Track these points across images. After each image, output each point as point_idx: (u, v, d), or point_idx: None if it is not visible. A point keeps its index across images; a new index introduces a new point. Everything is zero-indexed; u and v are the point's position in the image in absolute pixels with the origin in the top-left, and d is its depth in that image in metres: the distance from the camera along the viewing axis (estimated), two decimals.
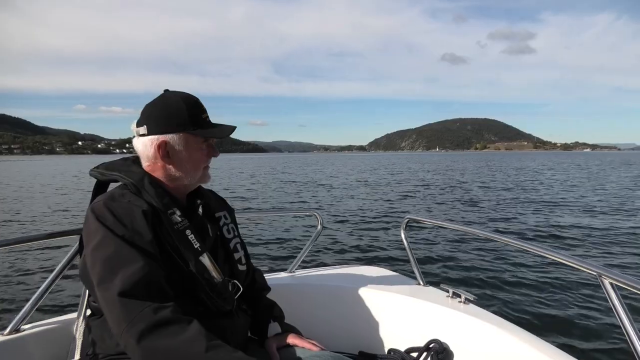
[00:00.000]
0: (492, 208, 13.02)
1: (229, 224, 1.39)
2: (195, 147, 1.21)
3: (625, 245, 7.62)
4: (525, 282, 5.37)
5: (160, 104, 1.20)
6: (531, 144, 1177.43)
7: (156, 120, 1.17)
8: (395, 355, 1.80)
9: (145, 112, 1.20)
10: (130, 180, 1.14)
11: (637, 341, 1.12)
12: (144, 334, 0.92)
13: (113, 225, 1.04)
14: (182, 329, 0.96)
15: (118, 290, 0.95)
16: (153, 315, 0.94)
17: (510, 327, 1.61)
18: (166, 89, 1.24)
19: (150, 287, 0.98)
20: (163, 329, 0.94)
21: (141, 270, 0.98)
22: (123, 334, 0.94)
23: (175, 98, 1.20)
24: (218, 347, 0.96)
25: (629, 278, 1.20)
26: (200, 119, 1.22)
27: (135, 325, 0.93)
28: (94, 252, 1.02)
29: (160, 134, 1.17)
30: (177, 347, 0.93)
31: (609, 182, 22.05)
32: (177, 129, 1.17)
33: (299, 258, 2.21)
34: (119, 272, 0.97)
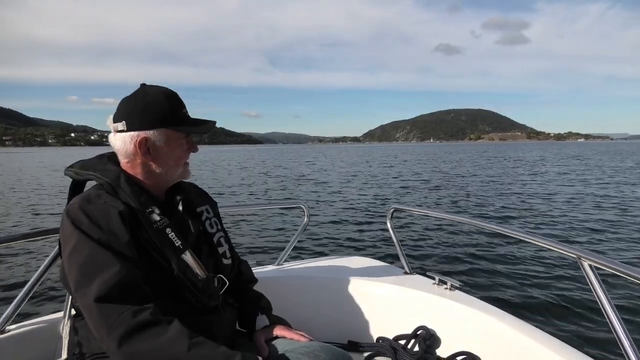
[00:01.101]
0: (479, 197, 13.19)
1: (211, 218, 1.37)
2: (176, 143, 1.19)
3: (605, 230, 7.81)
4: (509, 267, 5.50)
5: (139, 99, 1.16)
6: (525, 134, 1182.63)
7: (136, 116, 1.14)
8: (383, 343, 1.82)
9: (124, 107, 1.16)
10: (105, 180, 1.12)
11: (615, 320, 1.15)
12: (124, 338, 0.92)
13: (88, 228, 1.02)
14: (162, 330, 0.95)
15: (94, 295, 0.94)
16: (132, 319, 0.93)
17: (495, 312, 1.64)
18: (143, 83, 1.21)
19: (127, 290, 0.97)
20: (143, 331, 0.93)
21: (118, 273, 0.97)
22: (103, 339, 0.93)
23: (155, 93, 1.17)
24: (200, 345, 0.95)
25: (607, 260, 1.23)
26: (180, 114, 1.19)
27: (114, 330, 0.92)
28: (70, 258, 1.01)
29: (140, 130, 1.14)
30: (159, 348, 0.92)
31: (599, 172, 22.22)
32: (158, 125, 1.15)
33: (286, 250, 2.21)
34: (96, 277, 0.96)
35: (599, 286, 1.21)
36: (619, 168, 24.28)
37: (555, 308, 4.20)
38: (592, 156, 35.55)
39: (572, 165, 28.62)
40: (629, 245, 6.64)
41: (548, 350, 1.35)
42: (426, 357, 1.67)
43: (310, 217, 2.23)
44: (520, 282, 4.93)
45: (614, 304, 1.18)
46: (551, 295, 4.51)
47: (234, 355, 0.96)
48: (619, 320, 1.14)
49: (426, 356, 1.68)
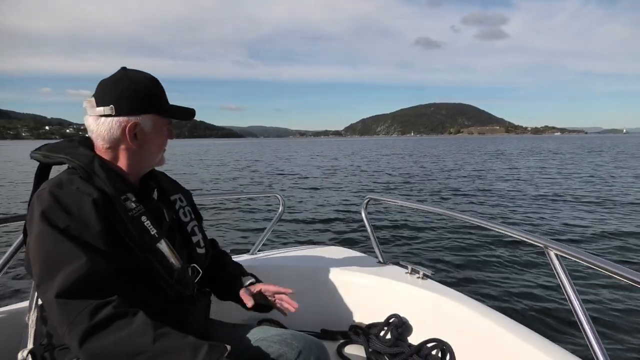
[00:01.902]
0: (454, 189, 13.43)
1: (184, 206, 1.35)
2: (161, 129, 1.17)
3: (573, 222, 8.08)
4: (480, 256, 5.65)
5: (126, 82, 1.12)
6: (503, 128, 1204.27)
7: (125, 100, 1.10)
8: (356, 331, 1.84)
9: (109, 90, 1.12)
10: (78, 163, 1.07)
11: (578, 306, 1.18)
12: (85, 335, 0.89)
13: (57, 217, 0.98)
14: (126, 322, 0.92)
15: (56, 291, 0.91)
16: (94, 314, 0.90)
17: (465, 300, 1.69)
18: (124, 67, 1.17)
19: (92, 284, 0.94)
20: (105, 327, 0.91)
21: (82, 267, 0.94)
22: (65, 335, 0.91)
23: (140, 78, 1.14)
24: (166, 335, 0.93)
25: (571, 249, 1.27)
26: (165, 100, 1.18)
27: (75, 327, 0.89)
28: (35, 248, 0.97)
29: (130, 115, 1.10)
30: (122, 342, 0.90)
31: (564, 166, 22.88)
32: (146, 110, 1.12)
33: (261, 240, 2.21)
34: (58, 271, 0.93)
35: (563, 274, 1.25)
36: (593, 162, 24.98)
37: (523, 295, 4.34)
38: (568, 151, 36.48)
39: (547, 158, 29.27)
40: (595, 236, 6.88)
41: (513, 335, 1.40)
42: (398, 344, 1.71)
43: (285, 206, 2.23)
44: (490, 271, 5.09)
45: (577, 291, 1.22)
46: (519, 283, 4.67)
47: (201, 344, 0.94)
48: (582, 306, 1.18)
49: (398, 343, 1.71)
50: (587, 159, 28.10)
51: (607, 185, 13.59)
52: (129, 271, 1.06)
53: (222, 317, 1.46)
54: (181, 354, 0.92)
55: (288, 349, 1.25)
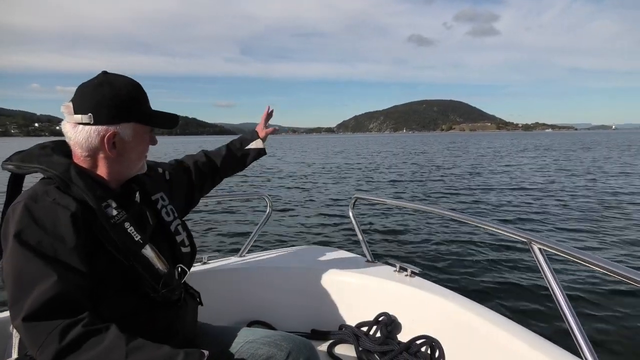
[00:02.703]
0: (442, 186, 13.44)
1: (167, 205, 1.31)
2: (142, 137, 1.14)
3: (556, 216, 8.20)
4: (466, 253, 5.71)
5: (107, 89, 1.08)
6: (494, 124, 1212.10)
7: (104, 108, 1.06)
8: (346, 330, 1.85)
9: (88, 97, 1.07)
10: (54, 173, 1.03)
11: (562, 299, 1.21)
12: (56, 357, 0.86)
13: (30, 234, 0.94)
14: (97, 340, 0.90)
15: (24, 314, 0.88)
16: (64, 336, 0.87)
17: (453, 296, 1.71)
18: (104, 71, 1.13)
19: (62, 304, 0.91)
20: (76, 347, 0.88)
21: (55, 286, 0.90)
22: (37, 358, 0.88)
23: (121, 84, 1.10)
24: (139, 349, 0.91)
25: (554, 243, 1.30)
26: (146, 107, 1.15)
27: (45, 348, 0.87)
28: (7, 267, 0.94)
29: (109, 124, 1.06)
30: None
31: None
32: (126, 118, 1.08)
33: (249, 241, 2.20)
34: (30, 293, 0.90)
35: (547, 268, 1.27)
36: (580, 159, 25.23)
37: (508, 290, 4.40)
38: (559, 147, 36.83)
39: (539, 155, 29.50)
40: (578, 231, 6.98)
41: (500, 329, 1.43)
42: (387, 342, 1.72)
43: (273, 207, 2.23)
44: (476, 267, 5.14)
45: (561, 284, 1.24)
46: (504, 278, 4.73)
47: (176, 354, 0.92)
48: (565, 298, 1.21)
49: (387, 341, 1.72)
50: (581, 155, 28.32)
51: (592, 181, 13.75)
52: (114, 280, 1.04)
53: (211, 320, 1.45)
54: None
55: (277, 351, 1.25)
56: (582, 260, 1.20)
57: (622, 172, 16.68)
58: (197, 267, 1.95)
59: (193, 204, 1.60)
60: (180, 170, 1.56)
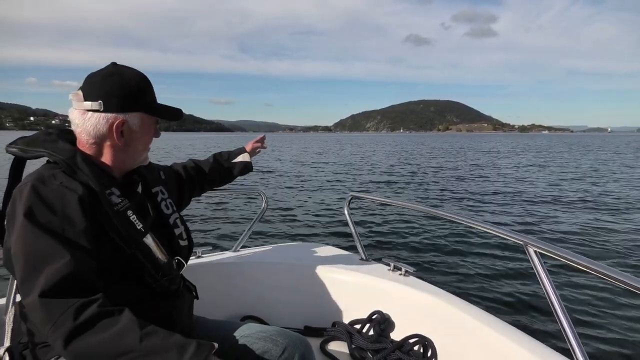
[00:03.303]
0: (438, 186, 13.44)
1: (166, 198, 1.34)
2: (148, 127, 1.17)
3: (552, 217, 8.26)
4: (461, 253, 5.72)
5: (117, 79, 1.10)
6: (491, 125, 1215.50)
7: (115, 97, 1.08)
8: (339, 327, 1.86)
9: (99, 85, 1.09)
10: (61, 157, 1.04)
11: (556, 302, 1.21)
12: (70, 335, 0.86)
13: (40, 213, 0.95)
14: (111, 322, 0.90)
15: (39, 290, 0.88)
16: (78, 314, 0.88)
17: (446, 296, 1.71)
18: (114, 62, 1.16)
19: (76, 282, 0.91)
20: (90, 326, 0.88)
21: (67, 264, 0.91)
22: (49, 336, 0.88)
23: (131, 75, 1.13)
24: (152, 334, 0.91)
25: (550, 246, 1.30)
26: (154, 98, 1.17)
27: (59, 327, 0.87)
28: (17, 246, 0.94)
29: (119, 112, 1.09)
30: (108, 341, 0.88)
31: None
32: (135, 109, 1.11)
33: (244, 236, 2.20)
34: (42, 271, 0.90)
35: (542, 271, 1.27)
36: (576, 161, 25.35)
37: (503, 291, 4.41)
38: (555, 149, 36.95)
39: (534, 158, 29.56)
40: (577, 234, 6.98)
41: (493, 330, 1.43)
42: (380, 340, 1.73)
43: (268, 203, 2.22)
44: (471, 267, 5.15)
45: (555, 287, 1.24)
46: (499, 280, 4.74)
47: (188, 343, 0.92)
48: (559, 302, 1.21)
49: (380, 339, 1.73)
50: (579, 158, 28.42)
51: (590, 184, 13.80)
52: (115, 267, 1.04)
53: (204, 314, 1.45)
54: (168, 353, 0.89)
55: (273, 346, 1.25)
56: (578, 264, 1.19)
57: (619, 175, 16.78)
58: (192, 261, 1.95)
59: (180, 209, 1.60)
60: (171, 174, 1.59)
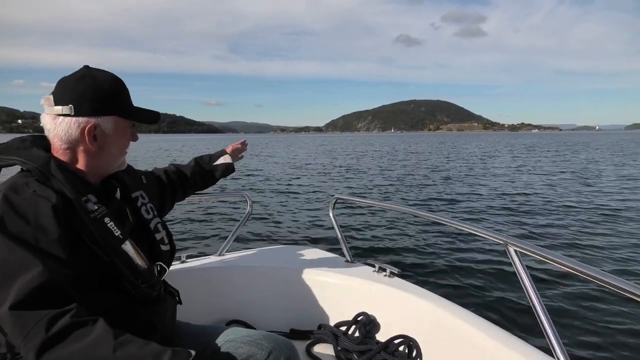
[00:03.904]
0: (425, 188, 13.43)
1: (146, 203, 1.32)
2: (123, 131, 1.14)
3: (532, 218, 8.32)
4: (444, 254, 5.76)
5: (88, 82, 1.08)
6: (481, 125, 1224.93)
7: (86, 100, 1.06)
8: (325, 330, 1.86)
9: (70, 89, 1.07)
10: (34, 165, 1.02)
11: (535, 300, 1.23)
12: (42, 347, 0.84)
13: (12, 223, 0.93)
14: (85, 332, 0.88)
15: (10, 302, 0.86)
16: (51, 326, 0.86)
17: (430, 297, 1.72)
18: (87, 65, 1.14)
19: (49, 293, 0.89)
20: (63, 337, 0.86)
21: (40, 275, 0.89)
22: (21, 348, 0.86)
23: (104, 78, 1.11)
24: (127, 344, 0.89)
25: (530, 245, 1.32)
26: (129, 101, 1.15)
27: (31, 339, 0.84)
28: None
29: (90, 116, 1.07)
30: (81, 353, 0.86)
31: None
32: (108, 112, 1.09)
33: (228, 240, 2.18)
34: (15, 281, 0.88)
35: (522, 269, 1.29)
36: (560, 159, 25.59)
37: (484, 291, 4.46)
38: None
39: (516, 157, 29.72)
40: (554, 232, 7.10)
41: (476, 329, 1.45)
42: (366, 341, 1.73)
43: (253, 207, 2.21)
44: (454, 268, 5.19)
45: (535, 285, 1.26)
46: (481, 279, 4.79)
47: (163, 351, 0.90)
48: (539, 299, 1.23)
49: (366, 341, 1.73)
50: (567, 156, 28.65)
51: (574, 183, 13.94)
52: (93, 275, 1.03)
53: (189, 319, 1.44)
54: None
55: (258, 350, 1.24)
56: (557, 263, 1.21)
57: (604, 173, 16.98)
58: (176, 266, 1.94)
59: (163, 214, 1.60)
60: (153, 179, 1.57)
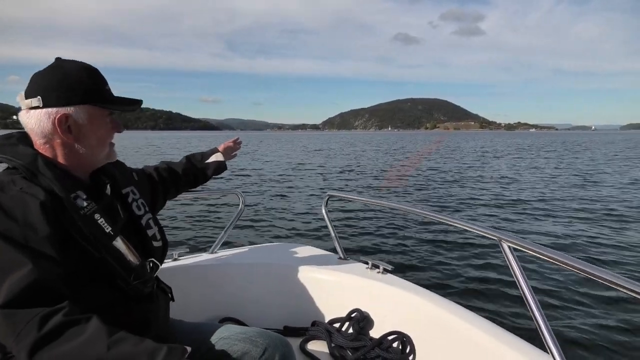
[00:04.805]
0: (416, 185, 13.49)
1: (137, 199, 1.30)
2: (100, 121, 1.11)
3: (526, 213, 8.45)
4: (437, 250, 5.80)
5: (57, 72, 1.06)
6: (477, 124, 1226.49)
7: (54, 90, 1.04)
8: (319, 327, 1.86)
9: (38, 81, 1.05)
10: (20, 163, 1.00)
11: (529, 295, 1.23)
12: (35, 346, 0.82)
13: (0, 222, 0.91)
14: (78, 330, 0.86)
15: (1, 302, 0.85)
16: (43, 324, 0.84)
17: (424, 293, 1.73)
18: (58, 57, 1.11)
19: (40, 291, 0.88)
20: (55, 336, 0.84)
21: (31, 274, 0.87)
22: (13, 348, 0.85)
23: (73, 67, 1.08)
24: (121, 341, 0.88)
25: (523, 241, 1.32)
26: (103, 90, 1.11)
27: (23, 339, 0.83)
28: None
29: (59, 106, 1.04)
30: (75, 351, 0.84)
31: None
32: (79, 101, 1.05)
33: (221, 238, 2.18)
34: (4, 280, 0.87)
35: (516, 265, 1.29)
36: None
37: (478, 286, 4.48)
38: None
39: (515, 155, 29.81)
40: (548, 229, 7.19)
41: (469, 325, 1.46)
42: (359, 338, 1.73)
43: (245, 204, 2.20)
44: (447, 264, 5.22)
45: (529, 281, 1.26)
46: (474, 275, 4.82)
47: (159, 348, 0.89)
48: (533, 296, 1.23)
49: (359, 337, 1.74)
50: (561, 155, 28.75)
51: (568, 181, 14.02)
52: (85, 273, 1.02)
53: (184, 317, 1.44)
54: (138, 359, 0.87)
55: (252, 347, 1.25)
56: (550, 258, 1.22)
57: (599, 172, 17.06)
58: (168, 264, 1.93)
59: (154, 211, 1.57)
60: (144, 176, 1.55)
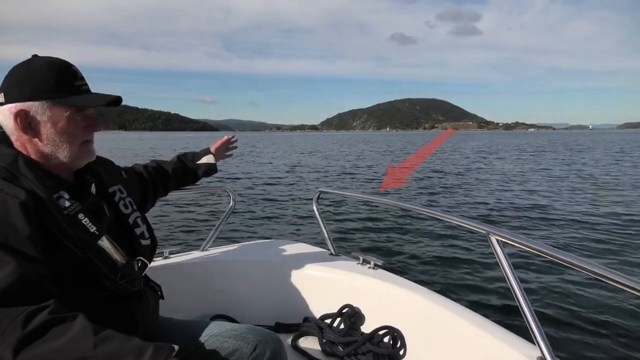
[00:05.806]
0: (413, 182, 13.56)
1: (125, 197, 1.29)
2: (63, 117, 1.06)
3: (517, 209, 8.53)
4: (427, 244, 5.86)
5: (24, 68, 1.05)
6: (475, 123, 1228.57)
7: (14, 86, 1.03)
8: (310, 323, 1.86)
9: (6, 77, 1.05)
10: (0, 164, 0.99)
11: (517, 288, 1.24)
12: (19, 345, 0.81)
13: None
14: (64, 328, 0.85)
15: None
16: (28, 322, 0.83)
17: (414, 287, 1.74)
18: (35, 54, 1.09)
19: (24, 290, 0.87)
20: (41, 334, 0.83)
21: (13, 272, 0.86)
22: None
23: (40, 62, 1.06)
24: (108, 339, 0.86)
25: (511, 234, 1.33)
26: (71, 85, 1.07)
27: (7, 337, 0.81)
28: None
29: (18, 101, 1.02)
30: (61, 350, 0.83)
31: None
32: (38, 96, 1.03)
33: (212, 235, 2.17)
34: None
35: (504, 259, 1.30)
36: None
37: (467, 280, 4.52)
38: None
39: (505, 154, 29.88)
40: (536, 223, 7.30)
41: (459, 319, 1.47)
42: (351, 333, 1.74)
43: (236, 201, 2.20)
44: (437, 258, 5.27)
45: (517, 274, 1.27)
46: (464, 269, 4.86)
47: (146, 346, 0.88)
48: (521, 289, 1.24)
49: (351, 332, 1.74)
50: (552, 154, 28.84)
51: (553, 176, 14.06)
52: (70, 273, 1.01)
53: (174, 315, 1.44)
54: (125, 358, 0.85)
55: (243, 343, 1.24)
56: (538, 251, 1.23)
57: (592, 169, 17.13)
58: (159, 262, 1.93)
59: (144, 210, 1.57)
60: (133, 175, 1.54)
